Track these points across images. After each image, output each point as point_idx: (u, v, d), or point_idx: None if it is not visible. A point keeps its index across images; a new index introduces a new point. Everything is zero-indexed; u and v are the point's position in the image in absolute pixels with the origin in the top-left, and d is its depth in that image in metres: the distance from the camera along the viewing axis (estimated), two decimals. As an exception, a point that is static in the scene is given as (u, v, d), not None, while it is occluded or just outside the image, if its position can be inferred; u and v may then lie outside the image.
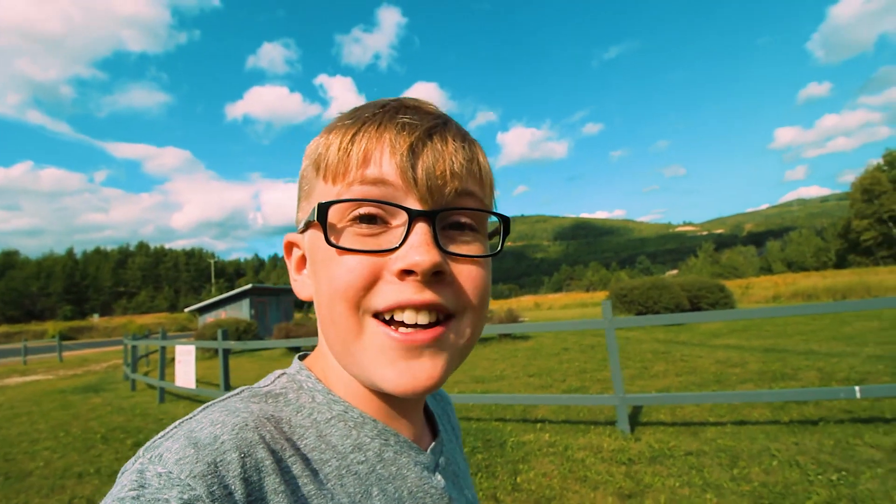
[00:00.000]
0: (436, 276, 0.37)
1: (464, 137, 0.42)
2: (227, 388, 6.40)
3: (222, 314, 23.69)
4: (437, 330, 0.38)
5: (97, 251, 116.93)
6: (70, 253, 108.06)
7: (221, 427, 0.33)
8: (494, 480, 3.39)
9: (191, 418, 0.35)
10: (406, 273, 0.37)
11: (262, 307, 25.00)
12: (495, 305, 35.03)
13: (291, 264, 0.46)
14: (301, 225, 0.43)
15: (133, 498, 0.29)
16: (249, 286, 24.61)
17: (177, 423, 0.35)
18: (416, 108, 0.41)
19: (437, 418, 0.53)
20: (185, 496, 0.29)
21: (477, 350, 11.60)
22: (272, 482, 0.33)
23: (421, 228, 0.37)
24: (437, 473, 0.45)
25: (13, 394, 10.23)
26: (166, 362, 8.61)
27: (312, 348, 0.47)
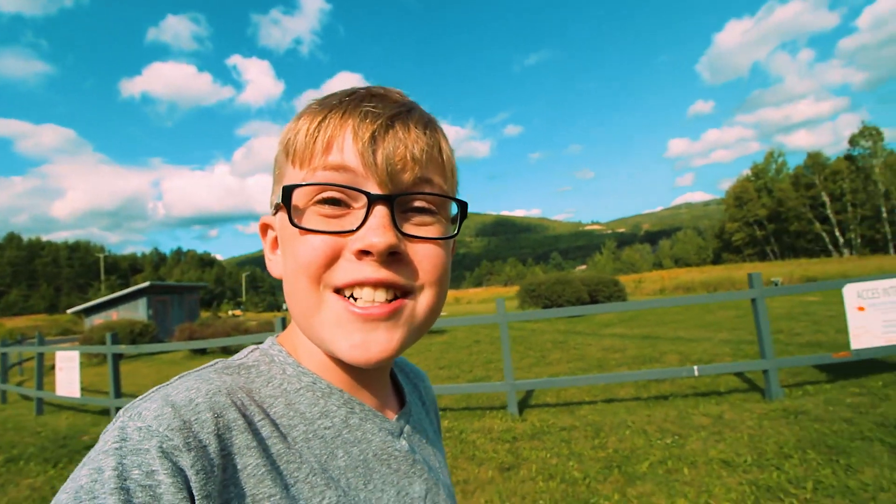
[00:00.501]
0: (392, 256, 0.40)
1: (426, 125, 0.43)
2: (119, 395, 6.00)
3: (113, 315, 21.46)
4: (394, 304, 0.41)
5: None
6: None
7: (196, 392, 0.36)
8: (393, 465, 3.68)
9: (166, 385, 0.37)
10: (363, 253, 0.39)
11: (162, 306, 23.04)
12: (415, 301, 35.42)
13: (266, 245, 0.49)
14: (272, 207, 0.46)
15: (116, 450, 0.31)
16: (147, 284, 22.56)
17: (154, 388, 0.37)
18: (382, 97, 0.43)
19: (405, 391, 0.56)
20: (164, 445, 0.32)
21: (392, 346, 11.84)
22: (244, 439, 0.36)
23: (379, 211, 0.39)
24: (401, 438, 0.48)
25: None
26: (44, 370, 7.79)
27: (223, 350, 0.53)
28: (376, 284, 0.40)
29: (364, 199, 0.40)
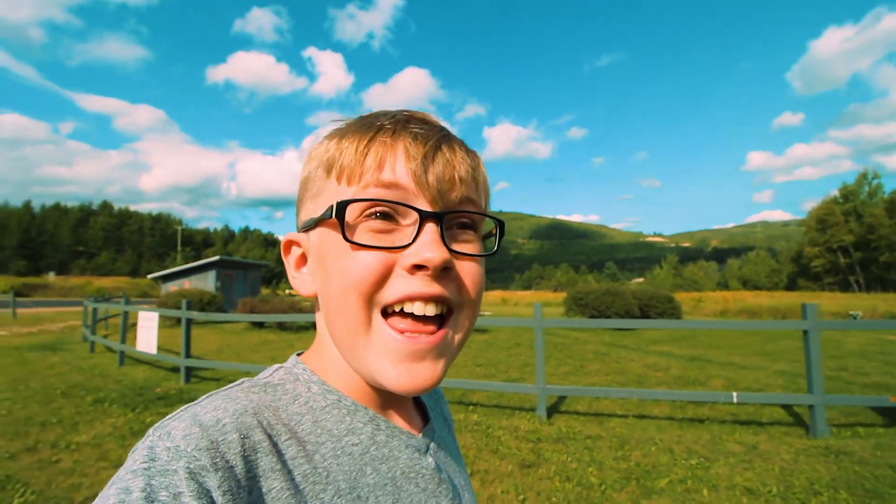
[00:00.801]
0: (443, 272, 0.41)
1: (467, 149, 0.46)
2: (188, 356, 6.72)
3: (186, 284, 23.47)
4: (440, 334, 0.42)
5: (57, 207, 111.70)
6: (27, 206, 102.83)
7: (223, 412, 0.36)
8: (420, 449, 3.94)
9: (195, 404, 0.38)
10: (417, 268, 0.40)
11: (228, 280, 24.88)
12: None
13: (290, 262, 0.49)
14: (306, 223, 0.46)
15: (144, 469, 0.32)
16: (217, 258, 24.42)
17: (182, 408, 0.38)
18: (424, 120, 0.45)
19: (427, 408, 0.56)
20: (192, 465, 0.32)
21: (434, 339, 12.18)
22: (269, 461, 0.36)
23: (431, 228, 0.40)
24: (427, 455, 0.48)
25: (-35, 346, 10.17)
26: (127, 327, 8.82)
27: (279, 326, 0.57)
28: (428, 299, 0.41)
29: (413, 216, 0.41)
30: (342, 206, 0.40)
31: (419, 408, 0.56)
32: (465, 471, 0.58)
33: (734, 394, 4.46)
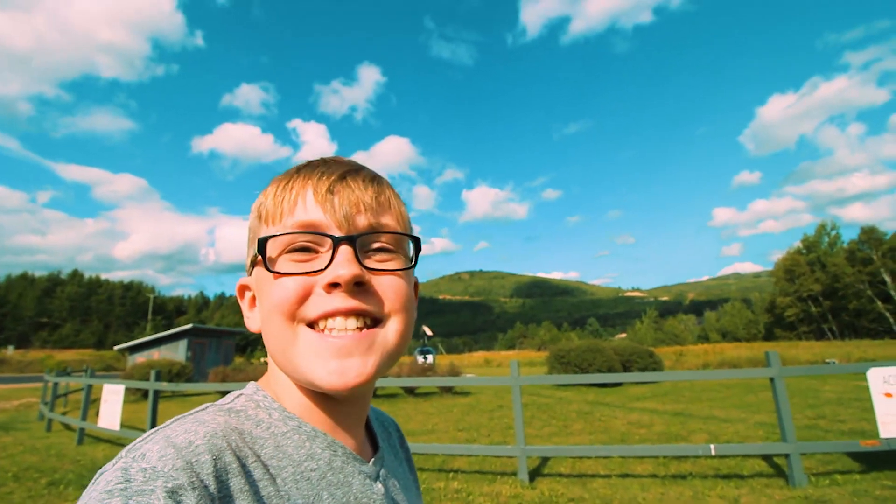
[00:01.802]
0: (358, 287, 0.44)
1: (373, 178, 0.50)
2: (154, 430, 6.37)
3: (155, 354, 22.45)
4: (366, 332, 0.45)
5: (23, 276, 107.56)
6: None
7: (195, 434, 0.38)
8: (397, 520, 3.77)
9: (165, 427, 0.39)
10: (332, 286, 0.43)
11: (200, 349, 23.94)
12: (444, 360, 35.04)
13: (245, 304, 0.52)
14: (247, 266, 0.51)
15: (121, 490, 0.32)
16: (189, 326, 23.63)
17: (152, 430, 0.39)
18: (335, 161, 0.51)
19: (377, 436, 0.59)
20: (170, 485, 0.33)
21: (416, 404, 11.84)
22: (238, 482, 0.38)
23: (343, 250, 0.44)
24: (378, 482, 0.50)
25: None
26: (89, 403, 8.34)
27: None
28: (347, 313, 0.44)
29: (329, 243, 0.45)
30: (262, 242, 0.46)
31: (370, 437, 0.59)
32: (419, 498, 0.61)
33: (711, 446, 4.47)
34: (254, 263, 0.50)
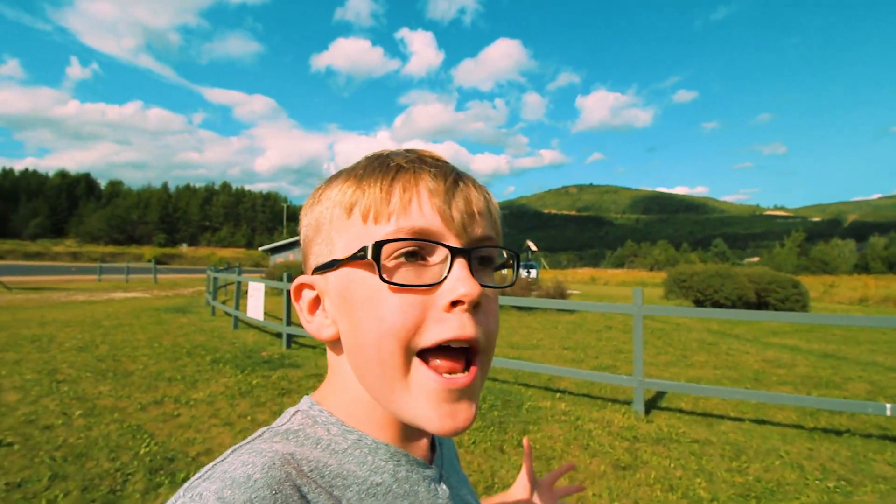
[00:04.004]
0: (475, 309, 0.41)
1: (478, 184, 0.47)
2: (289, 324, 7.26)
3: (290, 256, 25.67)
4: (472, 373, 0.42)
5: (187, 187, 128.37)
6: (165, 187, 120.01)
7: (252, 467, 0.37)
8: (504, 435, 3.80)
9: (223, 460, 0.39)
10: (453, 304, 0.40)
11: (326, 253, 26.73)
12: (547, 275, 34.70)
13: (304, 306, 0.48)
14: (325, 264, 0.45)
15: None
16: (316, 233, 26.31)
17: (210, 465, 0.38)
18: (435, 158, 0.46)
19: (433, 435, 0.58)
20: None
21: (519, 318, 11.91)
22: None
23: (461, 263, 0.40)
24: (441, 483, 0.50)
25: (118, 307, 12.09)
26: (241, 294, 9.78)
27: None
28: (463, 342, 0.40)
29: (441, 253, 0.41)
30: (378, 246, 0.40)
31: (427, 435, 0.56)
32: (473, 491, 0.59)
33: (887, 405, 3.66)
34: (342, 263, 0.43)
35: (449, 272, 0.40)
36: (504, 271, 0.49)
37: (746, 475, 3.20)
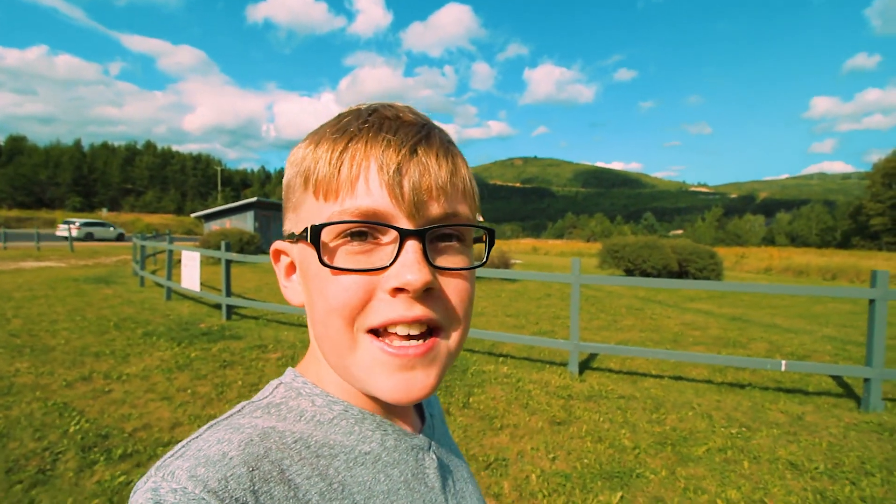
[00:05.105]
0: (427, 293, 0.39)
1: (447, 149, 0.42)
2: (229, 294, 6.97)
3: (227, 223, 24.28)
4: (429, 343, 0.40)
5: (105, 146, 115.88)
6: (77, 144, 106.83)
7: (228, 444, 0.35)
8: (450, 398, 3.97)
9: (197, 437, 0.37)
10: (398, 290, 0.38)
11: (265, 221, 25.55)
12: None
13: (280, 270, 0.47)
14: (288, 236, 0.44)
15: None
16: (254, 199, 25.01)
17: (184, 442, 0.36)
18: (398, 119, 0.42)
19: (423, 405, 0.56)
20: None
21: (465, 287, 12.20)
22: (281, 491, 0.35)
23: (411, 246, 0.38)
24: (431, 453, 0.49)
25: (30, 277, 10.97)
26: (173, 264, 9.20)
27: None
28: (411, 322, 0.39)
29: (393, 233, 0.39)
30: (316, 230, 0.39)
31: (416, 405, 0.56)
32: (465, 461, 0.58)
33: (783, 362, 4.22)
34: (297, 237, 0.42)
35: (397, 257, 0.38)
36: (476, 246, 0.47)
37: (664, 425, 3.59)
